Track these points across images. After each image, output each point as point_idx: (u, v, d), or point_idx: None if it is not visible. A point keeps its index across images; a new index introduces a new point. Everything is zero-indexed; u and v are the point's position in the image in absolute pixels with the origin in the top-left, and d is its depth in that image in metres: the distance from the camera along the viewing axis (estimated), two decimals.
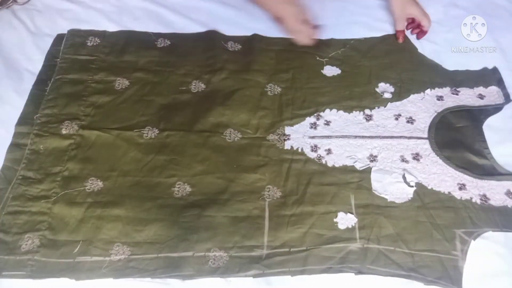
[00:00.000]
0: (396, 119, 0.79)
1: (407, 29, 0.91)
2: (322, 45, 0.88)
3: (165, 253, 0.65)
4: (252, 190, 0.71)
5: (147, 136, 0.76)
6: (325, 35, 0.89)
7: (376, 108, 0.80)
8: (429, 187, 0.71)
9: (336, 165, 0.73)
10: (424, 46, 0.88)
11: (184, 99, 0.81)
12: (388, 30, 0.91)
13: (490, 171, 0.72)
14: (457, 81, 0.83)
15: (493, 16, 0.93)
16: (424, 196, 0.70)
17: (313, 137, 0.77)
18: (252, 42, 0.89)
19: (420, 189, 0.71)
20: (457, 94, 0.81)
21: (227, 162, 0.74)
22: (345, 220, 0.68)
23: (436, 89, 0.82)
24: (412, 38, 0.90)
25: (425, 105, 0.80)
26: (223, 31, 0.91)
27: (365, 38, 0.90)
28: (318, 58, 0.86)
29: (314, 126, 0.78)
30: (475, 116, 0.79)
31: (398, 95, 0.81)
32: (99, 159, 0.74)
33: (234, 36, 0.90)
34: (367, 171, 0.73)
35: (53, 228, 0.67)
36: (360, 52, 0.88)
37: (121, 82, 0.83)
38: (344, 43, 0.89)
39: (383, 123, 0.78)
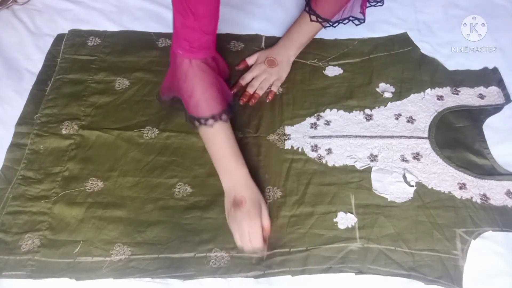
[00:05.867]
0: (397, 118, 0.79)
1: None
2: (326, 45, 0.88)
3: (166, 254, 0.65)
4: None
5: (147, 136, 0.76)
6: (328, 36, 0.89)
7: (377, 107, 0.80)
8: (430, 187, 0.71)
9: (337, 165, 0.73)
10: (425, 46, 0.88)
11: None
12: (388, 30, 0.91)
13: (490, 171, 0.72)
14: (457, 81, 0.83)
15: (493, 16, 0.93)
16: (424, 196, 0.70)
17: (313, 137, 0.77)
18: (255, 42, 0.89)
19: (421, 188, 0.71)
20: (457, 94, 0.81)
21: None
22: (345, 220, 0.68)
23: (437, 88, 0.82)
24: (414, 37, 0.90)
25: (425, 105, 0.80)
26: (223, 31, 0.91)
27: (369, 38, 0.90)
28: (316, 60, 0.86)
29: (314, 126, 0.78)
30: (475, 116, 0.79)
31: (399, 95, 0.81)
32: (99, 159, 0.74)
33: (237, 34, 0.90)
34: (368, 170, 0.73)
35: (53, 228, 0.67)
36: (363, 52, 0.88)
37: (122, 82, 0.83)
38: (348, 43, 0.89)
39: (384, 123, 0.78)
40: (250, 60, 0.85)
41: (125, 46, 0.88)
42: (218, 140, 0.66)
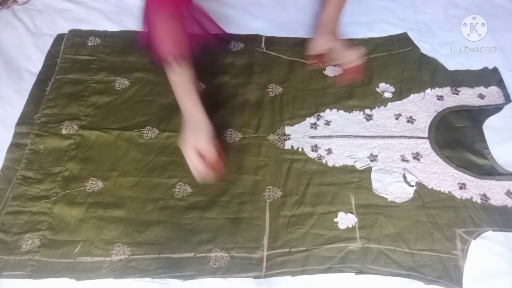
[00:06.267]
0: (397, 118, 0.79)
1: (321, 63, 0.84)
2: None
3: (166, 254, 0.65)
4: (253, 191, 0.71)
5: (147, 136, 0.76)
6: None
7: (377, 107, 0.80)
8: (430, 187, 0.71)
9: (337, 165, 0.73)
10: (425, 46, 0.88)
11: None
12: (388, 31, 0.91)
13: (490, 171, 0.72)
14: (457, 81, 0.83)
15: (493, 16, 0.93)
16: (424, 196, 0.70)
17: (313, 137, 0.77)
18: (255, 42, 0.89)
19: (421, 188, 0.71)
20: (457, 94, 0.81)
21: (228, 163, 0.73)
22: (346, 220, 0.68)
23: (437, 88, 0.82)
24: (414, 37, 0.90)
25: (425, 105, 0.80)
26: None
27: (369, 38, 0.90)
28: (316, 60, 0.86)
29: (314, 126, 0.78)
30: (475, 116, 0.79)
31: (399, 95, 0.81)
32: (99, 159, 0.74)
33: (237, 34, 0.90)
34: (368, 170, 0.73)
35: (53, 228, 0.67)
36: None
37: (121, 82, 0.83)
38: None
39: (384, 123, 0.78)
40: (315, 50, 0.80)
41: (125, 46, 0.88)
42: (177, 81, 0.66)
